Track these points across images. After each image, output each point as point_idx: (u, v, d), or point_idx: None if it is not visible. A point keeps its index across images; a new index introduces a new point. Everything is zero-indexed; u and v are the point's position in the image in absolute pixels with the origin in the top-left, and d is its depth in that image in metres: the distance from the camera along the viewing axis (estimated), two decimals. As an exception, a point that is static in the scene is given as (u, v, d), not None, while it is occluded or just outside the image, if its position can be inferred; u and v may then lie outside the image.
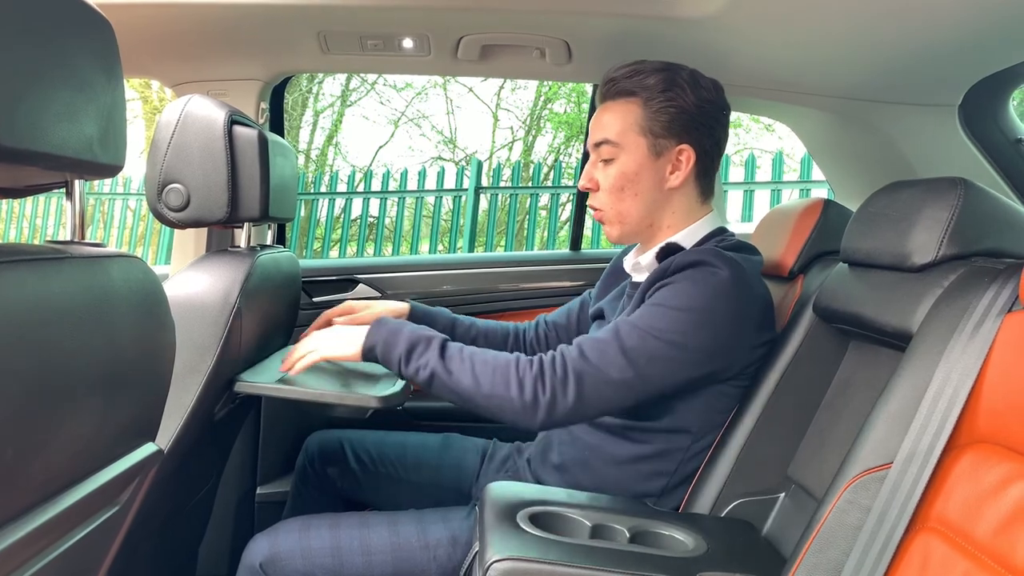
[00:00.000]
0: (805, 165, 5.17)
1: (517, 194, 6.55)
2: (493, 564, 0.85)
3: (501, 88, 8.53)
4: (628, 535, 0.97)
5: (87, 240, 0.74)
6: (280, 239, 1.84)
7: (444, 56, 1.51)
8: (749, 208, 5.27)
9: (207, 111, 1.14)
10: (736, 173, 6.06)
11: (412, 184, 6.54)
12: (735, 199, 5.34)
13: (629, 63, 1.19)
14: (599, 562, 0.87)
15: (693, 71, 1.18)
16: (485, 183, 6.57)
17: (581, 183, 1.22)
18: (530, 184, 6.64)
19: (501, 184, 7.00)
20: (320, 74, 7.59)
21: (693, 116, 1.17)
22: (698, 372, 1.08)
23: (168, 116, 1.14)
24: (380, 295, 1.85)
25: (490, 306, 1.90)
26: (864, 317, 1.02)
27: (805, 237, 1.34)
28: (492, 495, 1.03)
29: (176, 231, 1.60)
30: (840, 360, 1.13)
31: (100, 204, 7.57)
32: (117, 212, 7.53)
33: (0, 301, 0.54)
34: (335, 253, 7.25)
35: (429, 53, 1.51)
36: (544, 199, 6.80)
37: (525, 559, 0.86)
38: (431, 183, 6.48)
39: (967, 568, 0.67)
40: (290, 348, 1.24)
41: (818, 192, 4.77)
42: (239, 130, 1.16)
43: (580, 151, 6.33)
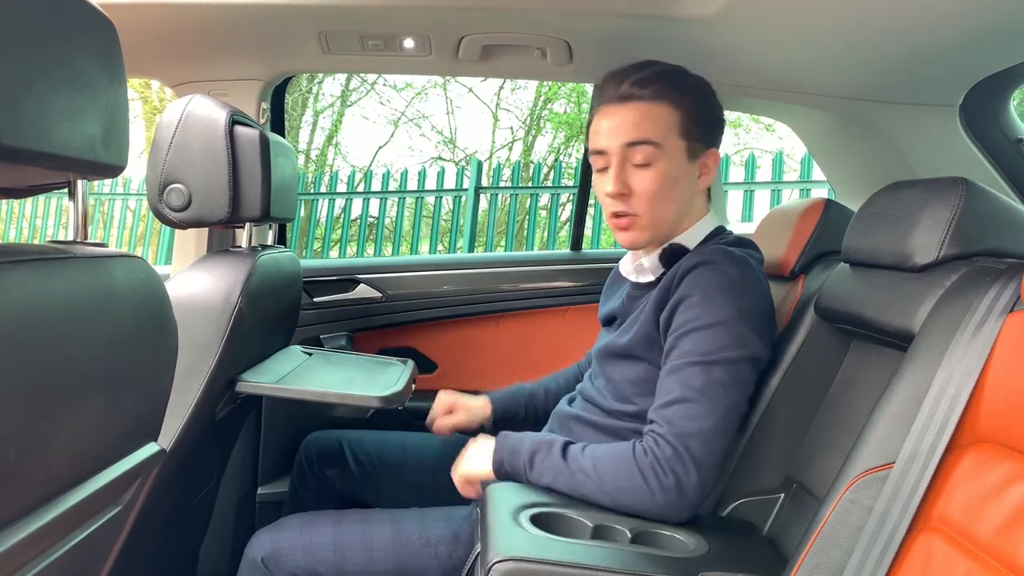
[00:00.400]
0: (805, 165, 5.16)
1: (517, 194, 6.54)
2: (495, 565, 0.85)
3: (501, 88, 8.53)
4: (630, 535, 0.97)
5: (89, 240, 0.74)
6: (281, 239, 1.85)
7: (445, 56, 1.51)
8: (749, 208, 5.27)
9: (208, 111, 1.14)
10: (736, 173, 6.06)
11: (412, 184, 6.54)
12: (735, 199, 5.33)
13: (631, 65, 1.16)
14: (601, 562, 0.87)
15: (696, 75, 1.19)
16: (485, 183, 6.57)
17: (613, 189, 1.13)
18: (530, 184, 6.63)
19: (501, 184, 6.99)
20: (320, 74, 7.59)
21: (719, 120, 1.19)
22: (759, 368, 1.09)
23: (169, 116, 1.14)
24: (381, 295, 1.85)
25: (490, 306, 1.90)
26: (865, 317, 1.02)
27: (806, 237, 1.34)
28: (494, 495, 1.03)
29: (177, 231, 1.60)
30: (841, 360, 1.13)
31: (100, 204, 7.56)
32: (117, 212, 7.53)
33: (3, 301, 0.54)
34: (335, 253, 7.25)
35: (430, 53, 1.51)
36: (544, 199, 6.79)
37: (527, 559, 0.86)
38: (431, 183, 6.48)
39: (969, 568, 0.67)
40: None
41: (818, 192, 4.76)
42: (240, 130, 1.16)
43: (580, 151, 6.33)
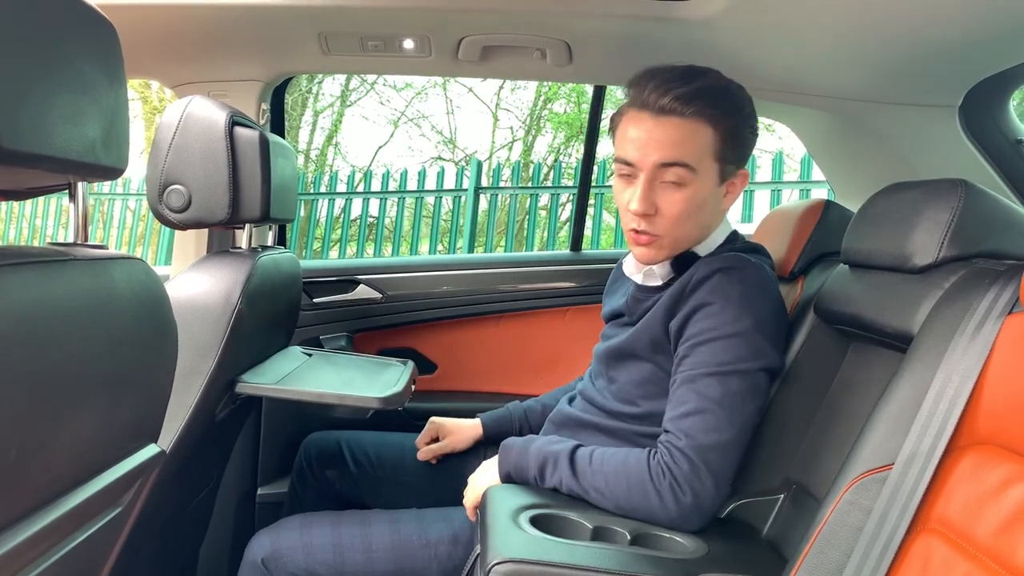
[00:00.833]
0: (805, 165, 5.16)
1: (517, 194, 6.54)
2: (495, 566, 0.85)
3: (501, 88, 8.53)
4: (629, 537, 0.97)
5: (90, 242, 0.74)
6: (281, 240, 1.85)
7: (445, 57, 1.51)
8: (749, 208, 5.26)
9: (208, 112, 1.14)
10: (736, 173, 6.04)
11: (412, 184, 6.53)
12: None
13: (669, 73, 1.08)
14: (600, 564, 0.87)
15: (730, 80, 1.11)
16: (485, 183, 6.56)
17: (640, 208, 1.07)
18: (530, 184, 6.63)
19: (501, 184, 6.99)
20: (320, 74, 7.58)
21: (751, 137, 1.13)
22: (774, 378, 1.10)
23: (169, 117, 1.14)
24: (381, 295, 1.85)
25: (490, 307, 1.90)
26: (865, 318, 1.02)
27: (806, 238, 1.34)
28: (493, 497, 1.03)
29: (177, 232, 1.60)
30: (841, 361, 1.13)
31: (100, 204, 7.56)
32: (117, 212, 7.53)
33: (4, 303, 0.54)
34: (335, 253, 7.25)
35: (430, 54, 1.51)
36: (544, 199, 6.78)
37: (527, 561, 0.86)
38: (431, 183, 6.48)
39: (968, 569, 0.67)
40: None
41: (818, 192, 4.75)
42: (240, 131, 1.16)
43: (580, 151, 6.32)
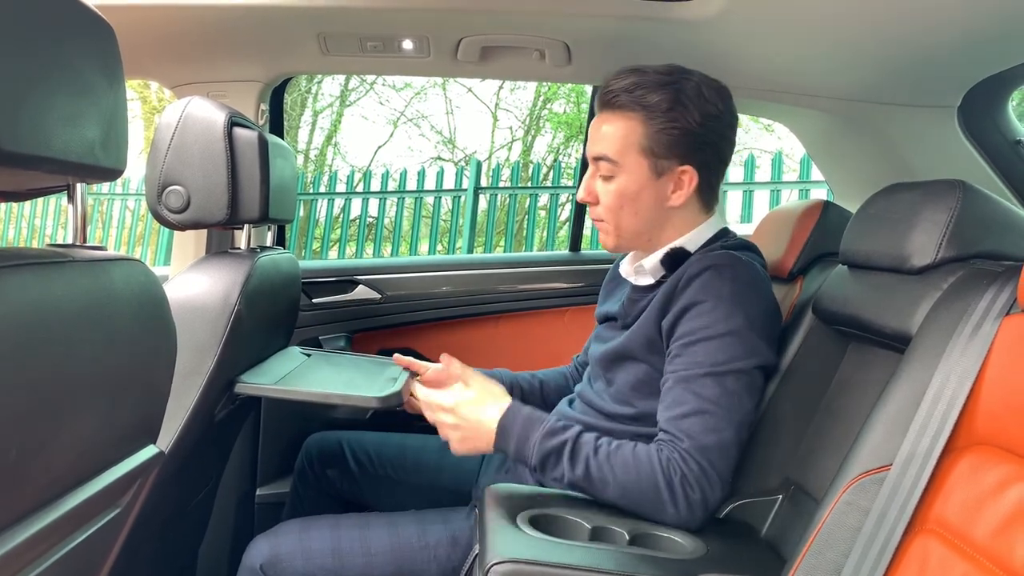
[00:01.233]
0: (804, 165, 5.15)
1: (516, 194, 6.54)
2: (493, 567, 0.85)
3: (500, 88, 8.52)
4: (628, 537, 0.97)
5: (88, 243, 0.74)
6: (280, 240, 1.85)
7: (444, 57, 1.51)
8: (748, 208, 5.26)
9: (207, 113, 1.14)
10: (736, 173, 6.04)
11: (411, 184, 6.53)
12: (735, 199, 5.33)
13: (630, 70, 1.13)
14: (599, 564, 0.87)
15: (700, 80, 1.12)
16: (484, 183, 6.56)
17: (580, 195, 1.19)
18: (529, 184, 6.63)
19: (500, 184, 6.99)
20: (319, 75, 7.58)
21: (697, 136, 1.11)
22: (769, 375, 1.13)
23: (168, 118, 1.14)
24: (380, 296, 1.85)
25: (489, 307, 1.90)
26: (863, 319, 1.02)
27: (805, 238, 1.34)
28: (492, 497, 1.03)
29: (176, 232, 1.60)
30: (839, 362, 1.13)
31: (99, 204, 7.56)
32: (116, 212, 7.53)
33: (3, 305, 0.54)
34: (334, 253, 7.25)
35: (429, 54, 1.51)
36: (543, 199, 6.78)
37: (525, 561, 0.86)
38: (430, 183, 6.48)
39: (966, 570, 0.67)
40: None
41: (817, 193, 4.76)
42: (239, 132, 1.16)
43: (580, 151, 6.33)
